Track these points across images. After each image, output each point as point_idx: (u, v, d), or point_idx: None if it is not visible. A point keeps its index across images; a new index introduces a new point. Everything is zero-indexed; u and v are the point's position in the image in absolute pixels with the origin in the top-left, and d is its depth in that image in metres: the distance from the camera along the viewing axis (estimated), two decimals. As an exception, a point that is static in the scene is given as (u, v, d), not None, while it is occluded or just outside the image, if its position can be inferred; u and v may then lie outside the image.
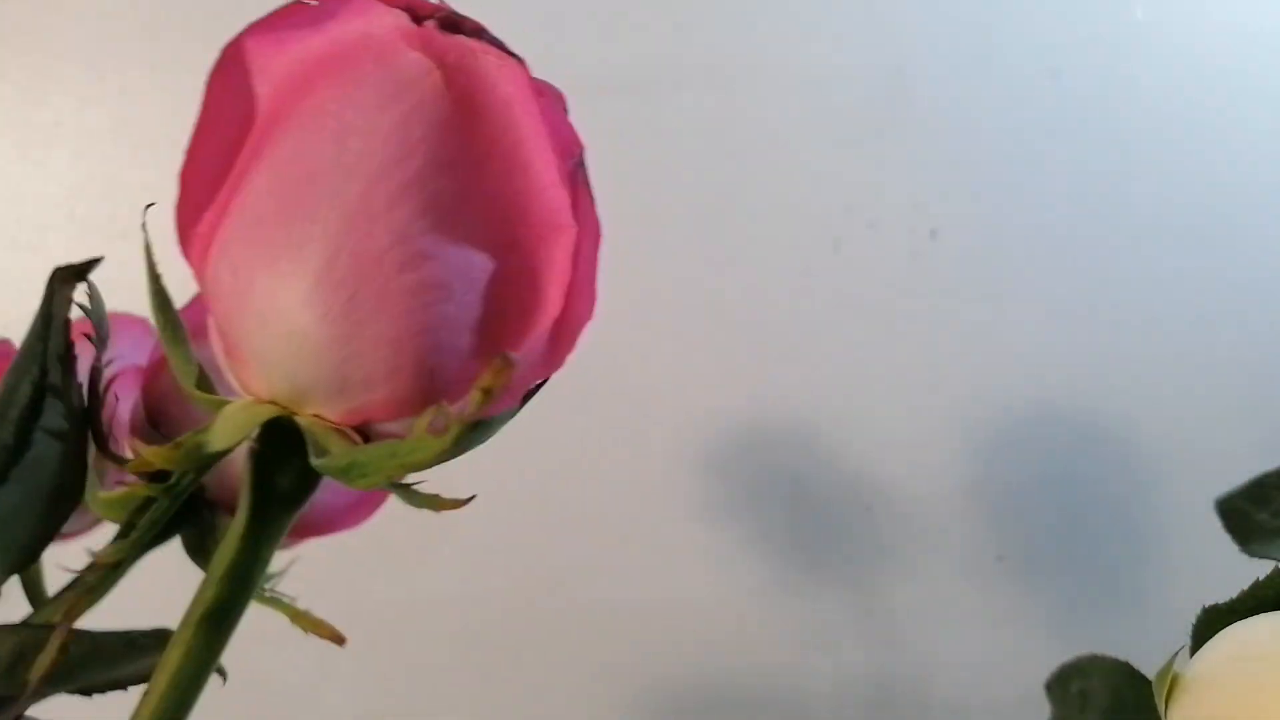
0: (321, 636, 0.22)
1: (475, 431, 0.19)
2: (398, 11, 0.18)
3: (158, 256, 0.19)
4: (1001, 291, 0.53)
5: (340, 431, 0.18)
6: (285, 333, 0.18)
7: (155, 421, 0.26)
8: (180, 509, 0.24)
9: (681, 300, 0.52)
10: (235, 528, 0.20)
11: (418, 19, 0.18)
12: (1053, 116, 0.53)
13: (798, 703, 0.53)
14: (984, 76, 0.53)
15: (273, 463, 0.19)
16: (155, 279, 0.20)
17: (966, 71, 0.53)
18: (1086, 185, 0.53)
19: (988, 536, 0.53)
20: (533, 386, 0.20)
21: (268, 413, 0.18)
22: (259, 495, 0.20)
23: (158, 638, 0.26)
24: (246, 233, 0.18)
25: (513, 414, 0.20)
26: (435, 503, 0.19)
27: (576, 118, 0.18)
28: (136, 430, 0.27)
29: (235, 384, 0.19)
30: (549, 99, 0.18)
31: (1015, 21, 0.53)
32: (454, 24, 0.17)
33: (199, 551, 0.26)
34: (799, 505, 0.53)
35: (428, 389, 0.18)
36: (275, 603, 0.24)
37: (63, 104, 0.53)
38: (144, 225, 0.19)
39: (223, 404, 0.19)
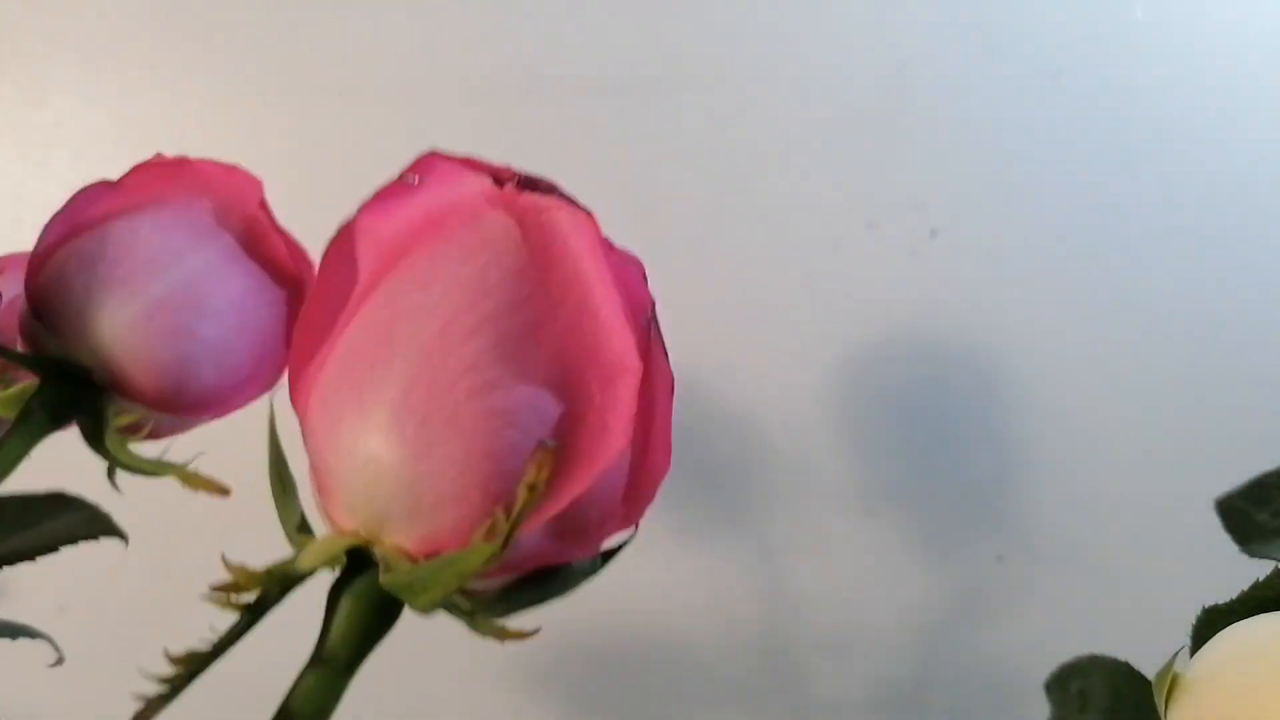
0: (209, 492, 0.25)
1: (552, 582, 0.20)
2: (483, 177, 0.19)
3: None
4: (1001, 291, 0.53)
5: (413, 559, 0.19)
6: (364, 458, 0.19)
7: (39, 313, 0.26)
8: (75, 396, 0.26)
9: (681, 301, 0.52)
10: (313, 657, 0.21)
11: (500, 182, 0.19)
12: (1053, 116, 0.53)
13: (798, 703, 0.53)
14: (984, 76, 0.53)
15: (348, 590, 0.21)
16: (275, 441, 0.21)
17: (966, 71, 0.53)
18: (1086, 185, 0.53)
19: (988, 536, 0.53)
20: (613, 545, 0.21)
21: (348, 542, 0.20)
22: (333, 622, 0.21)
23: (56, 501, 0.27)
24: (339, 374, 0.20)
25: (594, 569, 0.21)
26: (502, 633, 0.20)
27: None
28: (21, 325, 0.27)
29: (325, 520, 0.20)
30: (620, 256, 0.20)
31: (1015, 21, 0.53)
32: (531, 184, 0.19)
33: (95, 438, 0.27)
34: (798, 506, 0.53)
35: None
36: (166, 467, 0.26)
37: (63, 104, 0.53)
38: (271, 402, 0.21)
39: (311, 540, 0.20)
